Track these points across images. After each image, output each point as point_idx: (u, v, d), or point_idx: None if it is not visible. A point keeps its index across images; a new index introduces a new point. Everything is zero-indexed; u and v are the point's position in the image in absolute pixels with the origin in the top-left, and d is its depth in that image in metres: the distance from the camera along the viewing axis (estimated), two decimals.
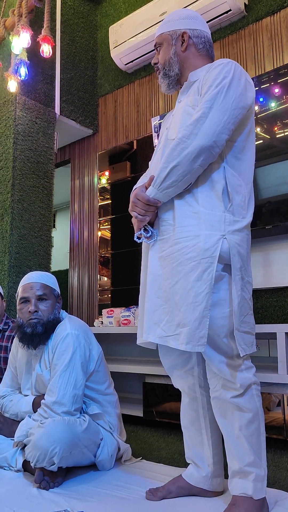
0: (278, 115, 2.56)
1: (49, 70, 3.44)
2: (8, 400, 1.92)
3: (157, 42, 1.56)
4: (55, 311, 1.89)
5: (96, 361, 1.86)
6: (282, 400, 2.03)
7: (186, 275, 1.31)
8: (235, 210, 1.36)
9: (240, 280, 1.33)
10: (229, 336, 1.33)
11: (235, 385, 1.33)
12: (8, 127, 3.17)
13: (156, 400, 2.49)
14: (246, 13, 2.86)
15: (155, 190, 1.36)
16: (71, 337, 1.79)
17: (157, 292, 1.37)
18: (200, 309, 1.27)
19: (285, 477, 1.69)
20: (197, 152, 1.30)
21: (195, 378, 1.50)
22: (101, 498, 1.50)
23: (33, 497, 1.51)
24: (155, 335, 1.35)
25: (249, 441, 1.32)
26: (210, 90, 1.33)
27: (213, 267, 1.28)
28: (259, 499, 1.31)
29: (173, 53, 1.51)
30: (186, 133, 1.31)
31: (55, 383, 1.72)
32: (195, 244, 1.31)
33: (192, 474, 1.50)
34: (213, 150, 1.31)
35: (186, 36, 1.50)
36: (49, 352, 1.83)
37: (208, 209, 1.34)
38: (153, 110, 3.38)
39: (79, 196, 3.90)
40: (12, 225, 3.02)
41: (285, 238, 2.51)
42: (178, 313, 1.30)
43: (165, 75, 1.53)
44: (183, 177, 1.33)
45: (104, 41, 3.73)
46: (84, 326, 1.91)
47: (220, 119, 1.30)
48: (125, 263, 3.42)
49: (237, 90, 1.34)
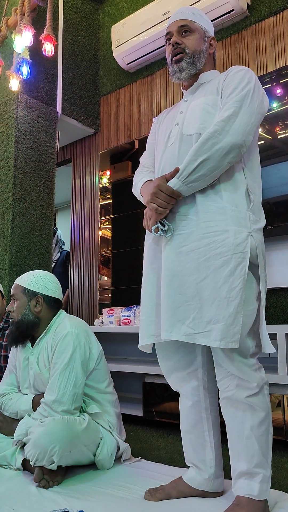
0: (280, 116, 2.56)
1: (51, 69, 3.44)
2: (7, 399, 1.92)
3: (188, 26, 1.50)
4: (26, 311, 1.85)
5: (96, 359, 1.85)
6: (282, 401, 2.03)
7: (216, 270, 1.29)
8: (256, 210, 1.38)
9: (264, 279, 1.35)
10: (247, 335, 1.33)
11: (251, 384, 1.32)
12: (10, 125, 3.17)
13: (156, 400, 2.49)
14: (249, 14, 2.85)
15: (179, 182, 1.34)
16: (71, 336, 1.79)
17: (179, 288, 1.34)
18: (234, 305, 1.26)
19: (285, 478, 1.69)
20: (229, 148, 1.31)
21: (199, 380, 1.49)
22: (100, 497, 1.50)
23: (33, 496, 1.51)
24: (180, 333, 1.31)
25: (259, 441, 1.32)
26: (237, 92, 1.36)
27: (246, 262, 1.28)
28: (262, 500, 1.30)
29: (205, 49, 1.53)
30: (218, 128, 1.32)
31: (55, 382, 1.72)
32: (224, 239, 1.30)
33: (194, 477, 1.49)
34: (242, 149, 1.34)
35: (215, 42, 1.56)
36: (49, 351, 1.83)
37: (233, 205, 1.34)
38: (155, 109, 3.37)
39: (80, 196, 3.90)
40: (13, 224, 3.02)
41: (286, 239, 2.51)
42: (209, 309, 1.28)
43: (192, 63, 1.50)
44: (212, 172, 1.32)
45: (106, 40, 3.73)
46: (84, 325, 1.90)
47: (248, 120, 1.33)
48: (126, 262, 3.42)
49: (258, 97, 1.38)
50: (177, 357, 1.49)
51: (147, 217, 1.42)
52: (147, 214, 1.43)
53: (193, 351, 1.49)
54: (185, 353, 1.48)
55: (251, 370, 1.33)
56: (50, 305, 1.90)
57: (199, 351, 1.49)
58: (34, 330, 1.87)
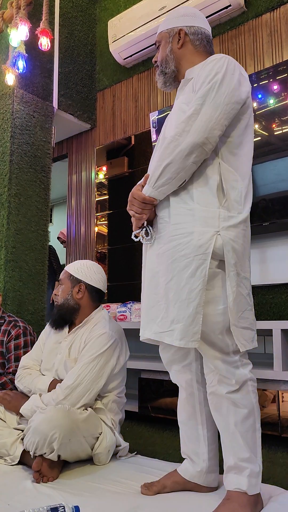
0: (276, 112, 2.55)
1: (47, 63, 3.42)
2: (27, 373, 1.95)
3: (157, 41, 1.58)
4: (68, 297, 1.95)
5: (121, 367, 1.89)
6: (276, 397, 2.04)
7: (180, 272, 1.31)
8: (231, 205, 1.35)
9: (235, 276, 1.32)
10: (224, 332, 1.33)
11: (231, 380, 1.33)
12: (5, 120, 3.15)
13: (151, 395, 2.50)
14: (246, 9, 2.84)
15: (150, 188, 1.37)
16: (108, 337, 1.84)
17: (155, 289, 1.38)
18: (193, 306, 1.28)
19: (279, 472, 1.70)
20: (190, 149, 1.30)
21: (193, 373, 1.50)
22: (96, 493, 1.51)
23: (28, 491, 1.52)
24: (151, 331, 1.36)
25: (244, 437, 1.32)
26: (203, 87, 1.34)
27: (206, 264, 1.29)
28: (253, 495, 1.31)
29: (169, 50, 1.52)
30: (178, 130, 1.32)
31: (76, 370, 1.76)
32: (189, 241, 1.31)
33: (187, 469, 1.51)
34: (206, 147, 1.32)
35: (182, 33, 1.51)
36: (82, 343, 1.86)
37: (202, 205, 1.34)
38: (152, 105, 3.36)
39: (76, 191, 3.89)
40: (8, 219, 3.01)
41: (281, 235, 2.51)
42: (173, 310, 1.31)
43: (161, 72, 1.55)
44: (177, 175, 1.33)
45: (103, 35, 3.71)
46: (121, 332, 1.96)
47: (212, 115, 1.31)
48: (122, 258, 3.42)
49: (229, 85, 1.33)
50: (173, 350, 1.50)
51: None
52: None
53: None
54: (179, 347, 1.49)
55: (231, 367, 1.34)
56: (92, 295, 1.98)
57: None
58: (74, 316, 1.95)
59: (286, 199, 2.44)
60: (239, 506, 1.28)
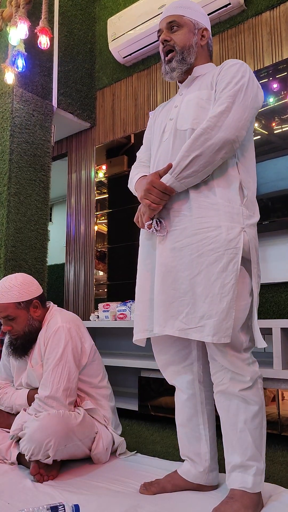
0: (276, 111, 2.55)
1: (47, 62, 3.41)
2: (2, 393, 1.92)
3: (176, 21, 1.50)
4: (30, 322, 1.83)
5: (89, 353, 1.85)
6: (276, 395, 2.04)
7: (209, 266, 1.30)
8: (249, 205, 1.38)
9: (257, 274, 1.35)
10: (240, 329, 1.33)
11: (245, 378, 1.33)
12: (5, 119, 3.15)
13: (151, 394, 2.50)
14: (246, 7, 2.84)
15: (172, 178, 1.34)
16: (63, 330, 1.78)
17: (173, 284, 1.35)
18: (227, 300, 1.27)
19: (279, 471, 1.70)
20: (221, 144, 1.31)
21: (194, 373, 1.50)
22: (95, 491, 1.50)
23: (28, 490, 1.52)
24: (174, 328, 1.33)
25: (252, 434, 1.32)
26: (230, 87, 1.35)
27: (238, 258, 1.29)
28: (256, 493, 1.31)
29: (194, 42, 1.51)
30: (210, 124, 1.32)
31: (48, 377, 1.72)
32: (217, 235, 1.30)
33: (189, 470, 1.50)
34: (235, 145, 1.33)
35: (207, 33, 1.54)
36: (41, 346, 1.83)
37: (226, 201, 1.34)
38: (151, 103, 3.36)
39: (76, 190, 3.89)
40: (8, 218, 3.00)
41: (282, 234, 2.51)
42: (202, 305, 1.29)
43: (182, 60, 1.50)
44: (204, 168, 1.32)
45: (103, 33, 3.70)
46: (76, 319, 1.90)
47: (241, 115, 1.33)
48: (122, 257, 3.42)
49: (253, 91, 1.38)
50: (172, 351, 1.49)
51: (141, 213, 1.43)
52: (141, 210, 1.44)
53: (188, 345, 1.49)
54: (181, 347, 1.49)
55: (245, 364, 1.34)
56: (42, 303, 1.90)
57: (194, 345, 1.49)
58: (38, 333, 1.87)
59: (286, 198, 2.44)
60: (242, 506, 1.28)
